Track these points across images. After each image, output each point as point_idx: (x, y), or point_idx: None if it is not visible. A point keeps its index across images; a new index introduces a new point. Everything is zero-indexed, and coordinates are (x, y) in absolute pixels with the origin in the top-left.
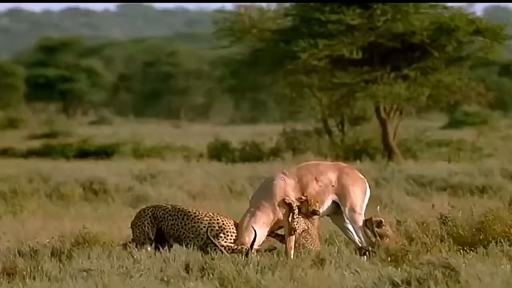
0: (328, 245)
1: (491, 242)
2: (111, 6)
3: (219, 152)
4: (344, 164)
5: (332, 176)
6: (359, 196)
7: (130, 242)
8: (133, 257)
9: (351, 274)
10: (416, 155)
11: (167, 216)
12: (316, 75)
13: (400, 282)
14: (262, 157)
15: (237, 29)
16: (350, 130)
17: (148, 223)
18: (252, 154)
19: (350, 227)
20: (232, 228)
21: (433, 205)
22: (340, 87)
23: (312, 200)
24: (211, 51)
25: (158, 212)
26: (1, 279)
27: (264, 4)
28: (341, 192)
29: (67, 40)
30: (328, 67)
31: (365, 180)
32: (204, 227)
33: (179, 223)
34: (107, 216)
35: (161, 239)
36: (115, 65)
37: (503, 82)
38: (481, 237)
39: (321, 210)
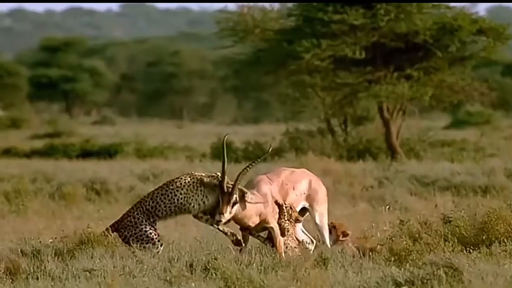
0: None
1: (494, 242)
2: (114, 6)
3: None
4: (307, 171)
5: (305, 183)
6: (324, 199)
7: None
8: (136, 257)
9: (354, 274)
10: (419, 155)
11: (158, 201)
12: (319, 75)
13: (403, 282)
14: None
15: (240, 29)
16: (353, 130)
17: (149, 228)
18: (255, 154)
19: (301, 229)
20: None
21: (436, 205)
22: (343, 87)
23: (294, 207)
24: (214, 51)
25: (147, 206)
26: (4, 279)
27: (267, 4)
28: (313, 197)
29: (70, 40)
30: (331, 67)
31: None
32: (197, 181)
33: (171, 198)
34: (110, 216)
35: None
36: (117, 65)
37: (506, 82)
38: (484, 237)
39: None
